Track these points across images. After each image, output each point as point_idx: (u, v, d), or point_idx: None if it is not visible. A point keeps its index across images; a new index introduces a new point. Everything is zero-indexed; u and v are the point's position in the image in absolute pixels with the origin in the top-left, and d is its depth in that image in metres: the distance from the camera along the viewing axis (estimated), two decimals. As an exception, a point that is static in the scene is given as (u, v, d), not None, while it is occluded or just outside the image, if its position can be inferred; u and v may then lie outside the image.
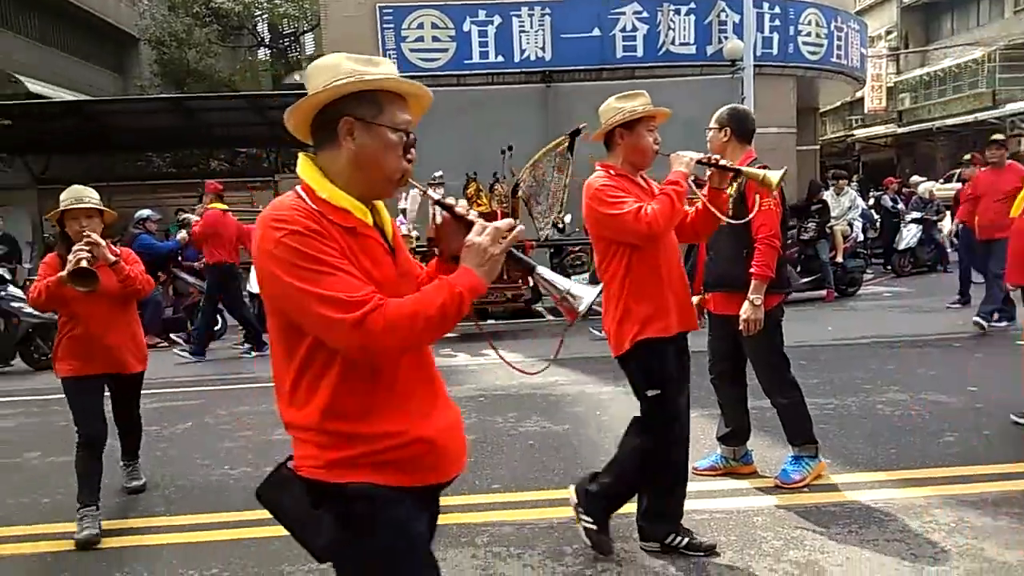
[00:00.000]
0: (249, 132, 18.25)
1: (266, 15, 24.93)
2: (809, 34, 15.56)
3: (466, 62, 14.44)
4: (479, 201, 9.14)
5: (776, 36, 15.08)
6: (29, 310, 8.43)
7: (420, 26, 14.30)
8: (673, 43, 14.58)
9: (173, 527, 3.85)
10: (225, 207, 8.76)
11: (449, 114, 14.60)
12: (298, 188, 1.62)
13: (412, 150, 1.66)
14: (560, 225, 9.59)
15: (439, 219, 1.75)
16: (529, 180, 9.32)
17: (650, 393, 3.10)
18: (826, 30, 15.81)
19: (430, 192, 1.75)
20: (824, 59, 15.94)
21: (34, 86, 16.50)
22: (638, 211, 2.91)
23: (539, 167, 9.25)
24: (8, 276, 8.89)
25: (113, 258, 3.84)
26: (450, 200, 1.73)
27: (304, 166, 1.65)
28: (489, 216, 10.68)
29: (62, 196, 3.90)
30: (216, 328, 9.85)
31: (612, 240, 3.09)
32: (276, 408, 1.66)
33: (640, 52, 14.54)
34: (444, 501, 3.80)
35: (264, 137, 18.71)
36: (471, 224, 1.67)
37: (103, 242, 3.82)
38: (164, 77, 22.79)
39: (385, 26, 14.22)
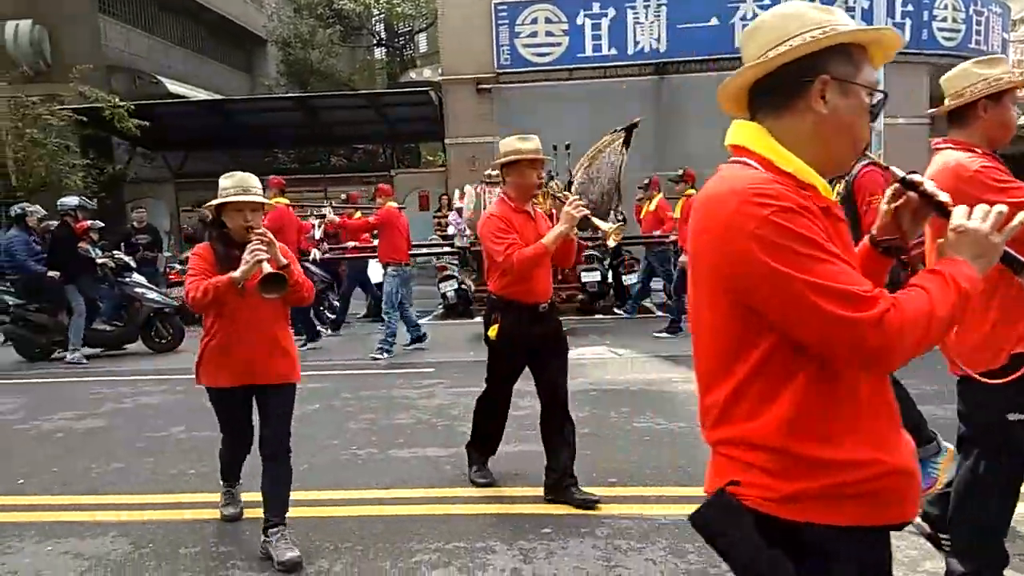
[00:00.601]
0: (366, 129, 18.97)
1: (384, 14, 25.73)
2: (945, 19, 14.58)
3: (578, 55, 14.43)
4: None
5: (909, 22, 14.23)
6: (152, 296, 9.15)
7: (534, 21, 14.40)
8: (795, 31, 14.04)
9: (305, 501, 4.05)
10: (287, 202, 8.85)
11: (560, 108, 14.62)
12: (747, 160, 1.38)
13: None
14: (621, 217, 9.43)
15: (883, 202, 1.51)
16: (582, 177, 9.23)
17: (1011, 417, 2.55)
18: (964, 15, 14.77)
19: (894, 169, 1.48)
20: (961, 45, 14.88)
21: (173, 86, 17.75)
22: None
23: (594, 164, 9.14)
24: (133, 264, 9.55)
25: (285, 260, 3.30)
26: (917, 177, 1.48)
27: (756, 134, 1.39)
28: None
29: (224, 183, 3.35)
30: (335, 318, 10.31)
31: None
32: (394, 393, 1.67)
33: (760, 41, 14.09)
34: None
35: (380, 133, 19.38)
36: (943, 207, 1.42)
37: (276, 242, 3.32)
38: (289, 77, 23.99)
39: (500, 22, 14.41)
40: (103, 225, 10.06)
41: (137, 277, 9.38)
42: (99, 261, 9.01)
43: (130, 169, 17.41)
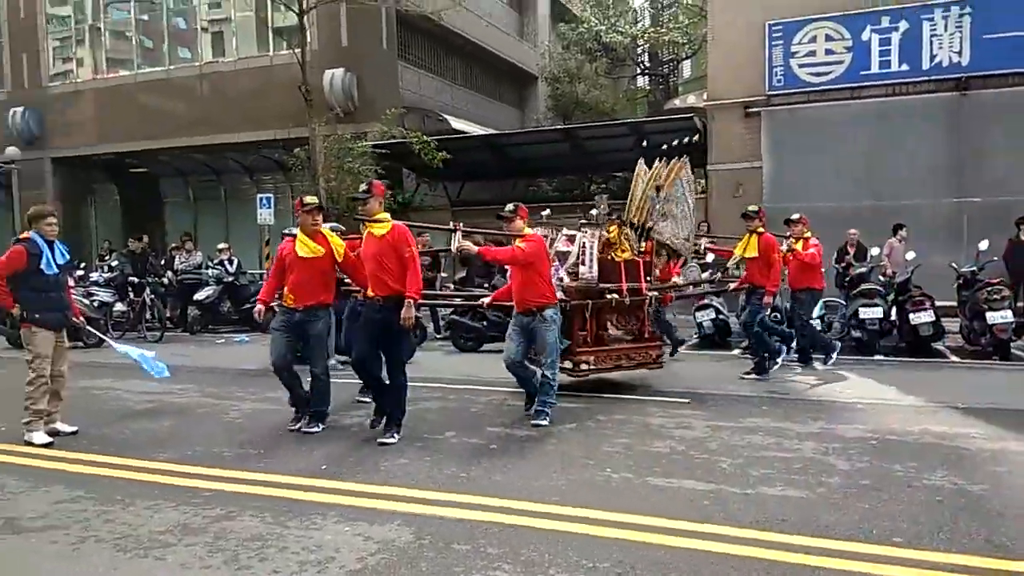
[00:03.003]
0: (625, 156, 19.24)
1: (649, 43, 26.05)
2: None
3: (863, 73, 13.40)
4: (622, 247, 7.89)
5: None
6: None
7: (812, 39, 13.66)
8: None
9: (563, 516, 4.15)
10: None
11: (840, 130, 13.69)
12: None
13: None
14: (697, 248, 9.02)
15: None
16: (659, 219, 8.34)
17: None
18: None
19: None
20: None
21: (455, 123, 19.48)
22: None
23: (668, 204, 8.28)
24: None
25: None
26: None
27: None
28: (632, 264, 9.68)
29: None
30: None
31: None
32: (649, 420, 1.59)
33: (1091, 49, 12.00)
34: (828, 544, 3.50)
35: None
36: None
37: None
38: (555, 110, 25.17)
39: (774, 43, 13.89)
40: None
41: None
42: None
43: (416, 197, 19.37)
